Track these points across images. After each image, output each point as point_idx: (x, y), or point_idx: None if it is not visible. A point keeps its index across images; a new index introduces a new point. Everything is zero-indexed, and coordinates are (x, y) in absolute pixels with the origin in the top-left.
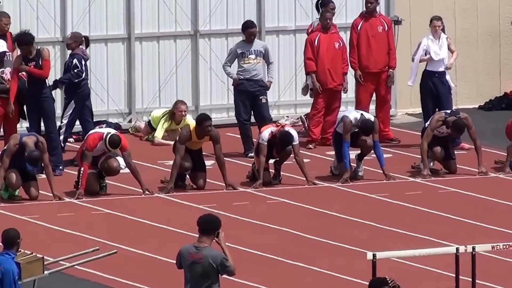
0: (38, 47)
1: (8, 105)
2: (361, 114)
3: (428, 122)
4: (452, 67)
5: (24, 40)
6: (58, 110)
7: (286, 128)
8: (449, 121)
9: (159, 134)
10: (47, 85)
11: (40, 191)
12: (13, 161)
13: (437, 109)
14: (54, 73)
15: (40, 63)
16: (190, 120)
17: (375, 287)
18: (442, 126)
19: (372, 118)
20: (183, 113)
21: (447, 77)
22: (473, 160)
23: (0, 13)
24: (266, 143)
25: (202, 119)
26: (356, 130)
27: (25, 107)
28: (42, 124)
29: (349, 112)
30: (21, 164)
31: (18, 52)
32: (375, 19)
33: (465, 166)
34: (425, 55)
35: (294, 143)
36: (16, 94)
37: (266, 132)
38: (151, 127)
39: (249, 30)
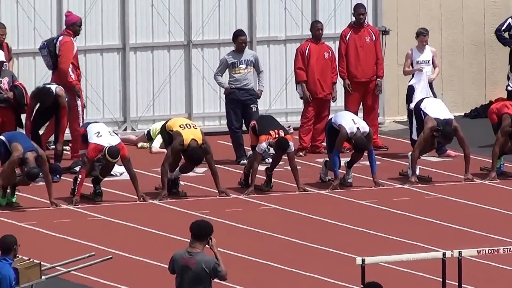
0: None
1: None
2: (357, 128)
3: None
4: (436, 78)
5: None
6: None
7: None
8: (439, 129)
9: (156, 143)
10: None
11: (37, 198)
12: None
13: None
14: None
15: None
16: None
17: None
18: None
19: (367, 130)
20: None
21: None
22: (459, 166)
23: None
24: (262, 154)
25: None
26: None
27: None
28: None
29: (346, 120)
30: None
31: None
32: (363, 30)
33: (452, 173)
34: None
35: (289, 151)
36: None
37: (265, 143)
38: (148, 138)
39: (240, 38)
